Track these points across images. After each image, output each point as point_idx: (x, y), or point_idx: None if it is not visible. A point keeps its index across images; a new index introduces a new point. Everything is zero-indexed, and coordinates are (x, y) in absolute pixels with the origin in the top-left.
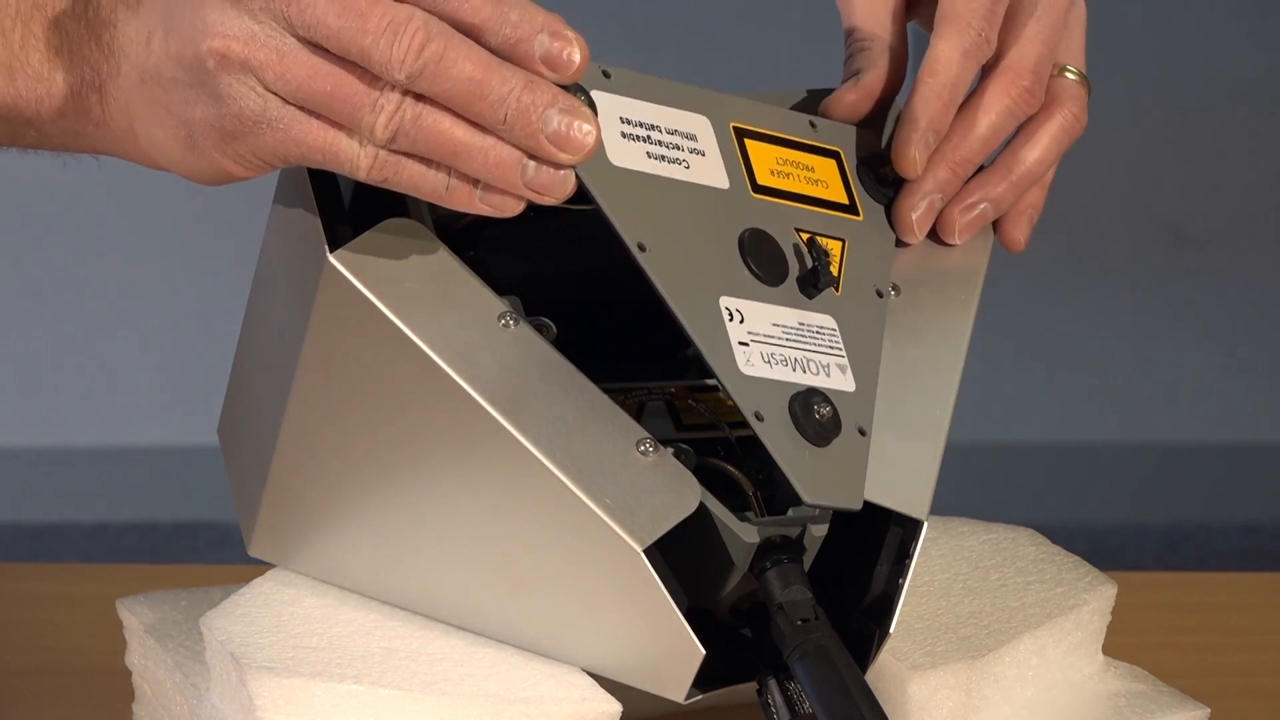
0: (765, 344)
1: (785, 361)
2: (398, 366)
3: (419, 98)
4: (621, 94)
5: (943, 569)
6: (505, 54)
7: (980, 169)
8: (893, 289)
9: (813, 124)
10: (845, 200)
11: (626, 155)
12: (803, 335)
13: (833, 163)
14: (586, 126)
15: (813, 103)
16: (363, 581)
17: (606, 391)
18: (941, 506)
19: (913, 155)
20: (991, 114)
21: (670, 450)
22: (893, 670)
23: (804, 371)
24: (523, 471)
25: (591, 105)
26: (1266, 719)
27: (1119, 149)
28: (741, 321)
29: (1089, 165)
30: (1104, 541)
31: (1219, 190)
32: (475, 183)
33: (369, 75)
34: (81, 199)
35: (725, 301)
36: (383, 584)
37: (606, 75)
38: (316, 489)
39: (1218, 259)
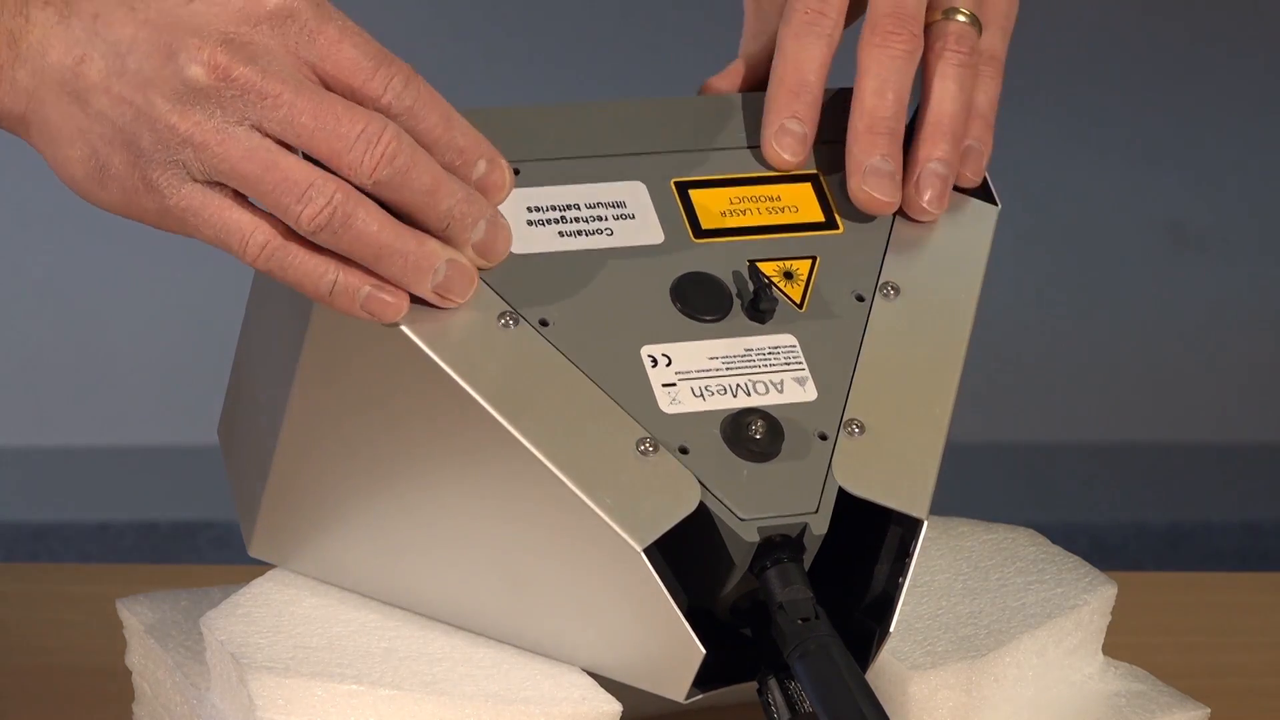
0: (697, 379)
1: (723, 390)
2: (398, 367)
3: (349, 196)
4: (530, 186)
5: (943, 569)
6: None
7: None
8: (892, 289)
9: None
10: (821, 218)
11: (532, 241)
12: (749, 360)
13: (807, 186)
14: (506, 235)
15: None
16: (363, 581)
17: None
18: (941, 506)
19: (772, 149)
20: (870, 69)
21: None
22: (893, 670)
23: (747, 394)
24: (523, 472)
25: None
26: (1266, 719)
27: (1119, 148)
28: (669, 364)
29: (1089, 165)
30: (1104, 541)
31: (1219, 189)
32: (360, 288)
33: (304, 165)
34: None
35: (648, 350)
36: (383, 584)
37: (516, 171)
38: (316, 489)
39: (1218, 258)
